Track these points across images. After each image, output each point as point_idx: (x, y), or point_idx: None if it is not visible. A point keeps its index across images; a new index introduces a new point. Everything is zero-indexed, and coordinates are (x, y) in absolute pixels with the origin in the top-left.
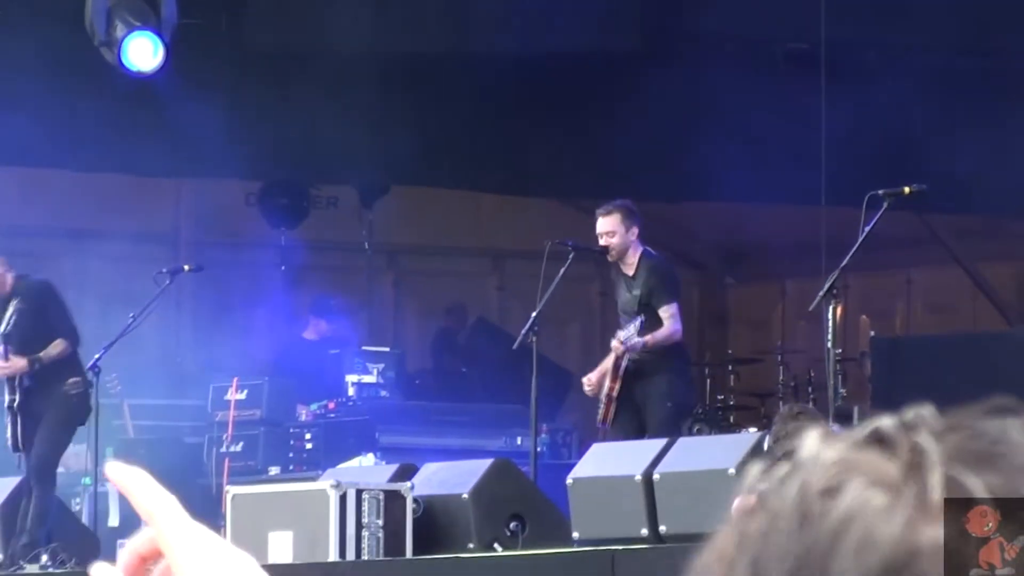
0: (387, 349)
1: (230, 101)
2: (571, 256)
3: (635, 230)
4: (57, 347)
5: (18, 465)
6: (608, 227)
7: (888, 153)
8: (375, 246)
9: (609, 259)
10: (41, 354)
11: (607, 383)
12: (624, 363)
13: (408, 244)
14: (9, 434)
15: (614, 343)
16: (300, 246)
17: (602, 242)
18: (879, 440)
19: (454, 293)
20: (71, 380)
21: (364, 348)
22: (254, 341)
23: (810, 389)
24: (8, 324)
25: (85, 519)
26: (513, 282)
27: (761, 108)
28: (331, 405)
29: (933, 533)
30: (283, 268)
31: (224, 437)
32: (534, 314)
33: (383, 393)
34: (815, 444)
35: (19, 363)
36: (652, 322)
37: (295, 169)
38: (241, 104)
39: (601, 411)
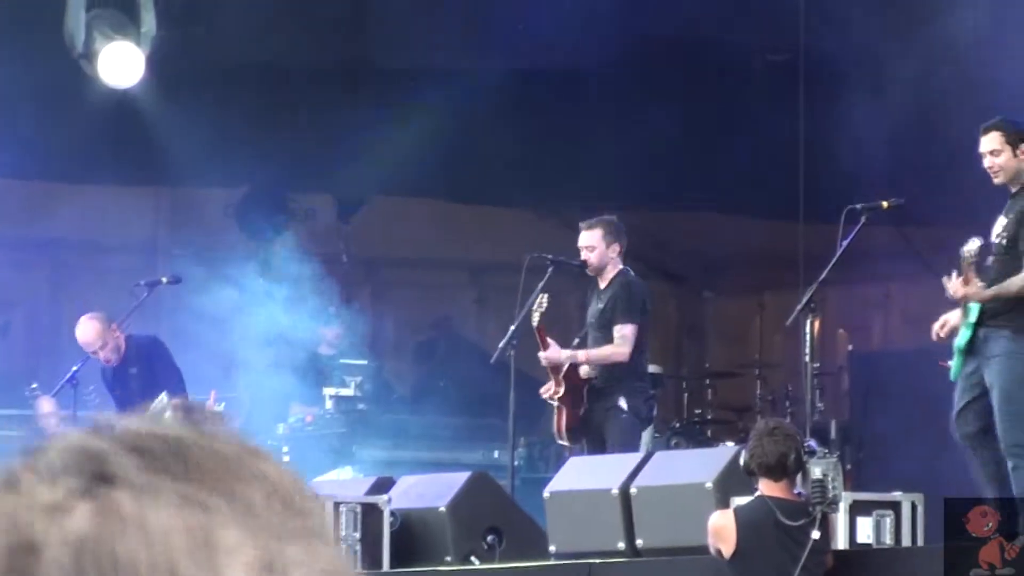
0: (365, 362)
1: (208, 113)
2: (550, 270)
3: (616, 247)
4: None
5: None
6: (589, 241)
7: (867, 166)
8: (353, 258)
9: (588, 272)
10: None
11: (552, 386)
12: (563, 368)
13: (386, 256)
14: None
15: (541, 351)
16: (278, 257)
17: (582, 256)
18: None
19: (432, 305)
20: None
21: (342, 361)
22: (231, 353)
23: (787, 403)
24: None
25: None
26: (491, 295)
27: (740, 119)
28: (308, 418)
29: None
30: (261, 280)
31: None
32: (512, 328)
33: (360, 406)
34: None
35: None
36: (608, 338)
37: (273, 180)
38: (219, 116)
39: (555, 422)
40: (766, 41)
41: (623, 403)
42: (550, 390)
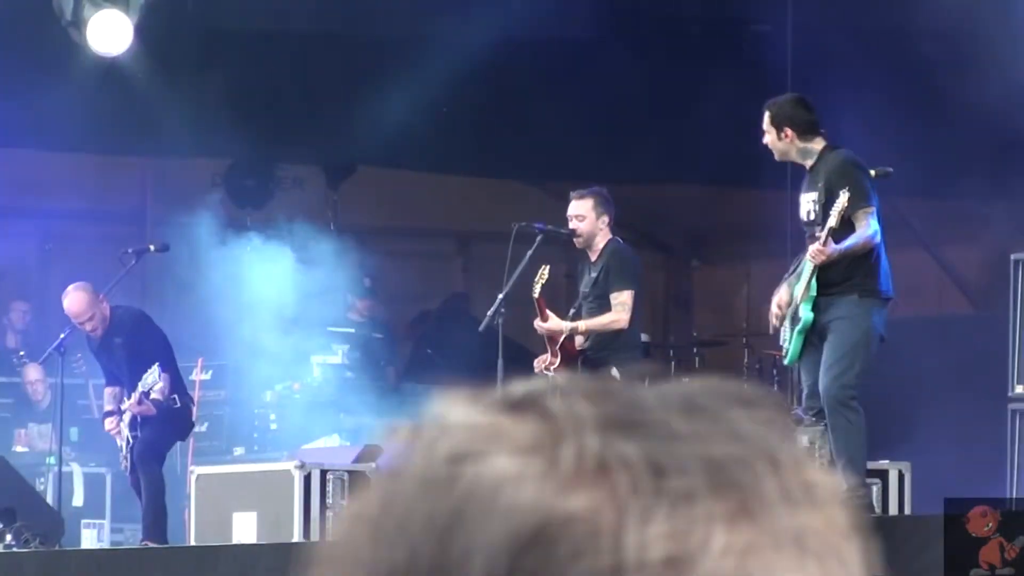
0: (352, 330)
1: (196, 82)
2: (538, 239)
3: (605, 218)
4: (160, 383)
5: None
6: (578, 211)
7: (851, 137)
8: (340, 227)
9: (576, 244)
10: (154, 396)
11: (547, 357)
12: (560, 339)
13: (374, 225)
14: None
15: (539, 321)
16: (266, 226)
17: (571, 225)
18: (518, 405)
19: (420, 274)
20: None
21: (329, 329)
22: (220, 322)
23: (775, 372)
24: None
25: (50, 499)
26: (479, 264)
27: (726, 90)
28: (296, 386)
29: (569, 503)
30: (248, 248)
31: None
32: (500, 296)
33: (348, 374)
34: (451, 408)
35: (144, 407)
36: (603, 307)
37: (261, 150)
38: (207, 84)
39: None
40: (752, 12)
41: (615, 373)
42: (545, 361)
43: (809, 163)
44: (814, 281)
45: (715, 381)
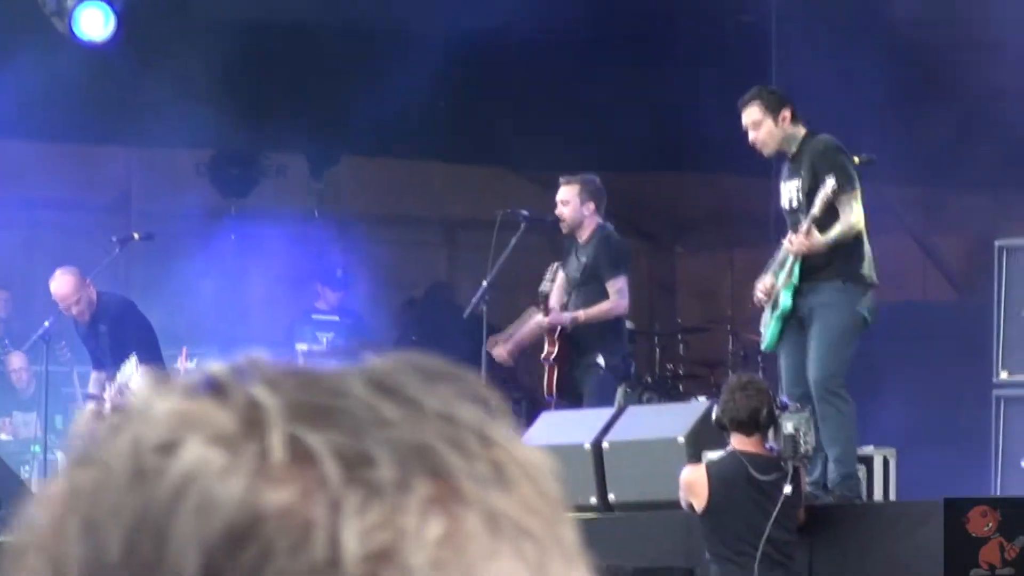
0: (336, 318)
1: (180, 71)
2: (523, 226)
3: (591, 205)
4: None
5: None
6: (564, 196)
7: (835, 124)
8: (325, 215)
9: (562, 229)
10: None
11: (545, 347)
12: (558, 328)
13: (358, 213)
14: None
15: (542, 317)
16: (250, 215)
17: (557, 210)
18: (215, 389)
19: (405, 262)
20: None
21: (314, 317)
22: (204, 311)
23: (759, 358)
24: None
25: (35, 487)
26: (464, 252)
27: (711, 80)
28: None
29: (276, 497)
30: (233, 237)
31: None
32: (485, 283)
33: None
34: (148, 393)
35: (124, 399)
36: (595, 292)
37: (245, 138)
38: (191, 73)
39: (545, 380)
40: (737, 2)
41: (601, 360)
42: (544, 351)
43: (792, 150)
44: (796, 268)
45: (412, 356)
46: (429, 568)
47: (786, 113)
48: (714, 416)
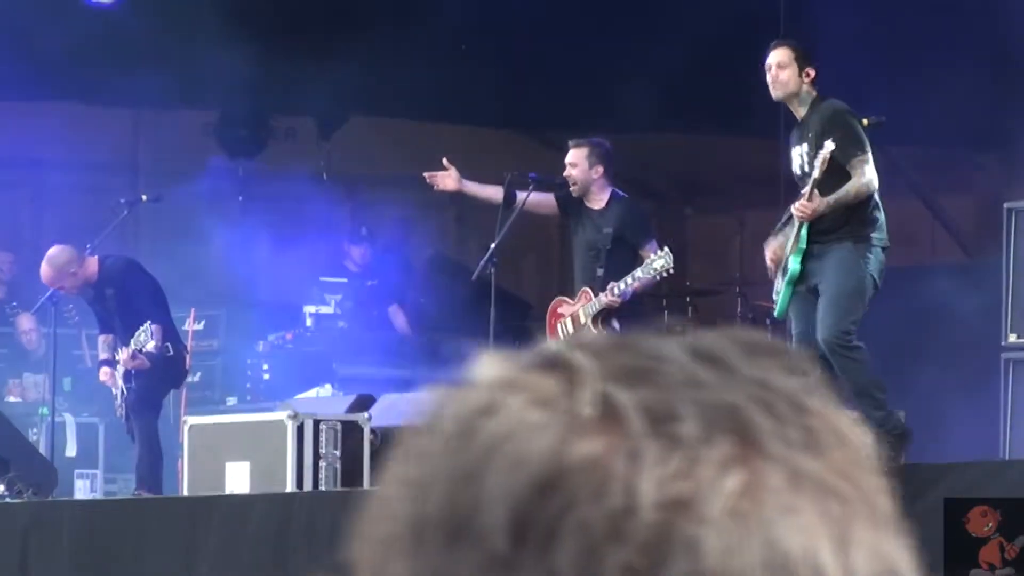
0: (344, 280)
1: (188, 31)
2: (531, 188)
3: (599, 169)
4: (152, 341)
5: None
6: (572, 158)
7: (844, 85)
8: (333, 177)
9: (572, 192)
10: (144, 351)
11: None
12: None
13: (366, 175)
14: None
15: (605, 296)
16: (258, 176)
17: (565, 172)
18: (546, 362)
19: (412, 223)
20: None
21: (322, 279)
22: (212, 272)
23: (768, 321)
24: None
25: (43, 449)
26: (471, 214)
27: (720, 42)
28: (288, 336)
29: (582, 449)
30: (240, 199)
31: None
32: (492, 246)
33: (340, 324)
34: (482, 365)
35: (138, 362)
36: (624, 259)
37: (253, 99)
38: (199, 34)
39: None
40: None
41: (615, 324)
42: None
43: (802, 112)
44: (804, 232)
45: (737, 332)
46: (726, 517)
47: (811, 71)
48: None
